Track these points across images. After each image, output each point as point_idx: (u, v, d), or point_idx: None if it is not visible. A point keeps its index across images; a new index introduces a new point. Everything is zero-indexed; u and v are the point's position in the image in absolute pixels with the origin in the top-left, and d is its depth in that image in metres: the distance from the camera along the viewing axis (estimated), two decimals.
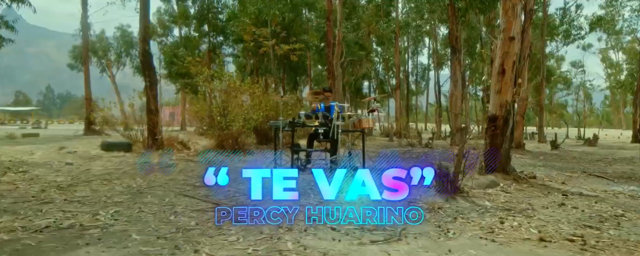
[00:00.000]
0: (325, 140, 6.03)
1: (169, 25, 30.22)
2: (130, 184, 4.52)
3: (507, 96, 5.14)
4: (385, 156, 9.38)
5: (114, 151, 8.20)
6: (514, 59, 5.10)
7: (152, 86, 9.11)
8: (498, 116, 5.15)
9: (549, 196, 4.13)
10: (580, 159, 9.63)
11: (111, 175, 5.24)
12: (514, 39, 5.01)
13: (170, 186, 4.54)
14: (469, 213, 3.33)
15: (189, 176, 5.33)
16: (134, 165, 6.44)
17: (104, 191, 4.08)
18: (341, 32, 14.68)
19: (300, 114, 6.24)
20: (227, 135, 9.24)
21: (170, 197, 3.86)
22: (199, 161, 7.33)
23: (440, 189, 3.85)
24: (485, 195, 4.06)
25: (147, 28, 9.25)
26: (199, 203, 3.62)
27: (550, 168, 7.40)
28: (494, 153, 4.96)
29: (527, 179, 5.14)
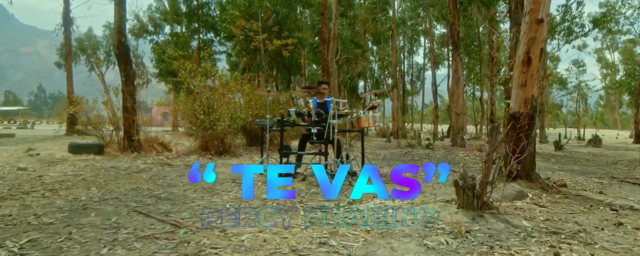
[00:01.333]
0: (319, 142, 5.22)
1: (160, 23, 29.36)
2: (79, 197, 3.67)
3: (533, 90, 4.35)
4: (386, 158, 8.57)
5: (83, 153, 7.32)
6: (542, 45, 4.32)
7: (128, 81, 8.25)
8: (522, 113, 4.36)
9: (595, 212, 3.35)
10: (594, 162, 8.89)
11: (63, 184, 4.38)
12: (543, 21, 4.23)
13: (129, 198, 3.70)
14: (507, 238, 2.52)
15: (157, 185, 4.49)
16: (98, 171, 5.58)
17: (37, 207, 3.23)
18: (336, 26, 13.85)
19: (291, 111, 5.40)
20: (212, 135, 8.40)
21: (120, 215, 3.03)
22: (175, 165, 6.47)
23: (464, 204, 3.05)
24: (517, 211, 3.26)
25: (122, 17, 8.38)
26: (154, 224, 2.79)
27: (570, 172, 6.64)
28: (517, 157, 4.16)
29: (557, 188, 4.36)
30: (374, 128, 25.64)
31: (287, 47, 16.55)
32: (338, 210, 3.27)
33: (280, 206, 3.43)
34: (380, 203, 3.54)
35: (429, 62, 35.49)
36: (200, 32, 24.21)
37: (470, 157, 9.19)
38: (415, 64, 40.96)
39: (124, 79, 8.24)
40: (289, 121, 5.39)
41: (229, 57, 28.37)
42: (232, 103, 9.22)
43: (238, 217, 3.00)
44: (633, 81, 27.60)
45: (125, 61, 8.37)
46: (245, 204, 3.49)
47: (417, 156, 9.19)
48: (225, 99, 9.28)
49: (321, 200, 3.71)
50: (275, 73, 22.70)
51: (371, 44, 30.66)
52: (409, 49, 36.70)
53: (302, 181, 4.83)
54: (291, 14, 19.85)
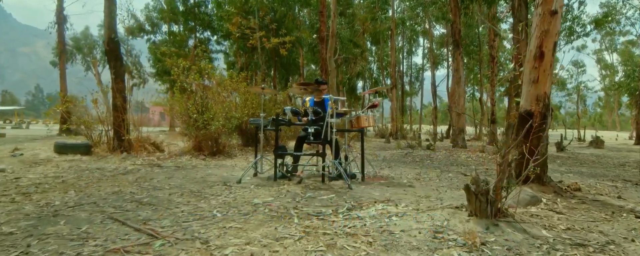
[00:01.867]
0: (316, 142, 4.91)
1: (157, 22, 29.06)
2: (52, 201, 3.36)
3: (546, 87, 4.05)
4: (386, 159, 8.27)
5: (69, 154, 6.99)
6: (555, 39, 4.02)
7: (118, 79, 7.93)
8: (534, 112, 4.05)
9: (619, 220, 3.05)
10: (600, 163, 8.61)
11: (39, 187, 4.06)
12: (557, 13, 3.93)
13: (107, 202, 3.38)
14: (529, 251, 2.22)
15: (142, 187, 4.17)
16: (82, 172, 5.26)
17: (1, 213, 2.91)
18: (335, 24, 13.54)
19: (286, 109, 5.09)
20: (206, 135, 8.08)
21: (92, 223, 2.71)
22: (166, 166, 6.15)
23: (476, 212, 2.74)
24: (533, 218, 2.96)
25: (113, 12, 8.05)
26: (129, 234, 2.47)
27: (578, 174, 6.35)
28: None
29: (571, 192, 4.06)
30: (373, 128, 25.37)
31: (284, 46, 16.22)
32: (336, 217, 2.96)
33: (273, 211, 3.12)
34: (382, 208, 3.23)
35: (428, 62, 35.25)
36: (197, 30, 23.88)
37: (473, 158, 8.90)
38: (413, 65, 40.70)
39: (113, 76, 7.92)
40: (285, 120, 5.08)
41: (227, 56, 28.08)
42: (227, 102, 8.90)
43: (225, 226, 2.68)
44: (632, 82, 27.37)
45: (115, 58, 8.05)
46: (235, 210, 3.17)
47: (418, 158, 8.89)
48: (220, 97, 8.96)
49: (318, 205, 3.40)
50: (273, 73, 22.38)
51: (370, 44, 30.40)
52: (407, 50, 36.43)
53: (299, 184, 4.52)
54: (289, 13, 19.54)
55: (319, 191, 4.11)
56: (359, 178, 5.06)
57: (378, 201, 3.56)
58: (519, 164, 3.99)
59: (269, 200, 3.58)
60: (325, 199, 3.69)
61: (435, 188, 4.52)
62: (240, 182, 4.61)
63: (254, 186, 4.33)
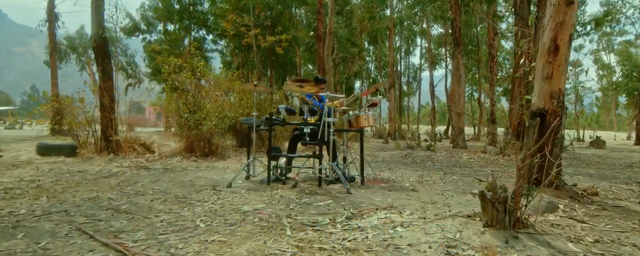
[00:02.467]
0: (313, 143, 4.58)
1: (153, 22, 28.68)
2: (17, 210, 3.01)
3: (560, 83, 3.75)
4: (386, 161, 7.95)
5: (53, 155, 6.64)
6: (571, 31, 3.72)
7: (105, 77, 7.58)
8: (547, 110, 3.75)
9: None
10: (606, 164, 8.34)
11: (9, 192, 3.72)
12: (573, 3, 3.64)
13: (80, 210, 3.05)
14: None
15: (122, 192, 3.83)
16: (62, 175, 4.91)
17: None
18: (332, 22, 13.22)
19: (280, 108, 4.76)
20: (198, 136, 7.73)
21: (56, 236, 2.37)
22: (153, 168, 5.81)
23: (493, 222, 2.42)
24: (555, 228, 2.64)
25: (100, 7, 7.70)
26: (95, 249, 2.14)
27: (587, 176, 6.06)
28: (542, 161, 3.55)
29: (588, 197, 3.75)
30: (371, 128, 25.07)
31: (281, 44, 15.87)
32: (334, 228, 2.64)
33: (263, 221, 2.79)
34: (385, 217, 2.91)
35: (426, 62, 35.01)
36: (192, 29, 23.52)
37: (475, 159, 8.59)
38: (411, 65, 40.44)
39: (100, 74, 7.57)
40: (279, 120, 4.75)
41: (223, 56, 27.74)
42: (221, 101, 8.56)
43: (207, 239, 2.35)
44: (631, 82, 27.20)
45: (102, 55, 7.70)
46: (221, 219, 2.84)
47: (418, 159, 8.58)
48: (212, 96, 8.63)
49: (314, 213, 3.07)
50: (270, 72, 22.03)
51: (367, 44, 30.10)
52: (405, 50, 36.15)
53: (294, 188, 4.19)
54: (286, 11, 19.21)
55: (316, 196, 3.78)
56: (358, 181, 4.74)
57: (380, 208, 3.24)
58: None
59: (260, 207, 3.25)
60: (322, 205, 3.36)
61: (440, 192, 4.20)
62: (231, 186, 4.28)
63: (245, 191, 3.99)
